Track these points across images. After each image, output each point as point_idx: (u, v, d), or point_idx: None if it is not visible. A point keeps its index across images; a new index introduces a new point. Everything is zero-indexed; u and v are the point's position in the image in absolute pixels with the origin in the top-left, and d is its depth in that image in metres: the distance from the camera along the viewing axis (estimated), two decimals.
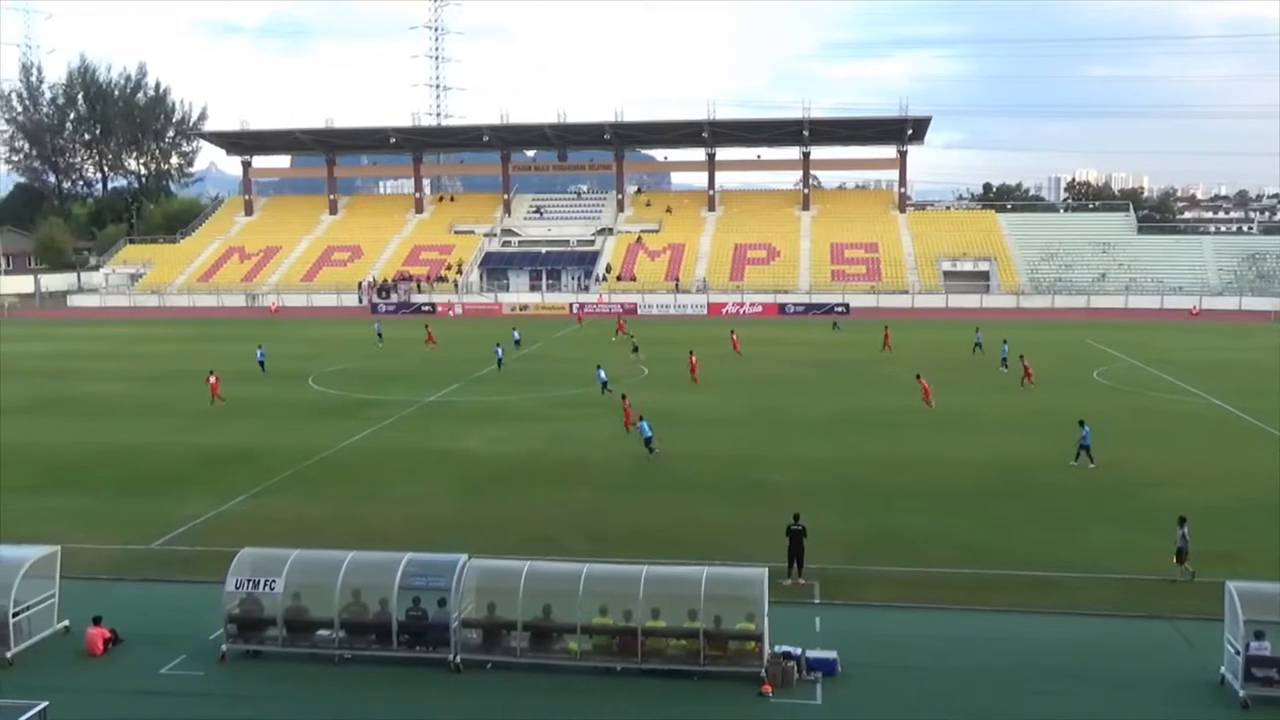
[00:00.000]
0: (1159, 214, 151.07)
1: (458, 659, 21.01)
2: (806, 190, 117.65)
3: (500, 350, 60.44)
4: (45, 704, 15.27)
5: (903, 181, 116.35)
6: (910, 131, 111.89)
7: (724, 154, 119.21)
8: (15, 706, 14.79)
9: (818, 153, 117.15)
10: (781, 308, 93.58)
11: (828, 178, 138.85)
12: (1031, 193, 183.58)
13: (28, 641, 21.96)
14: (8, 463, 38.19)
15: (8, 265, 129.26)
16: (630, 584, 21.16)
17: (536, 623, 21.22)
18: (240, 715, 19.32)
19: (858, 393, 50.69)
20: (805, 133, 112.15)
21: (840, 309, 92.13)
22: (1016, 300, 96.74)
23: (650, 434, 38.05)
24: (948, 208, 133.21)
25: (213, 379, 49.82)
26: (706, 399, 49.43)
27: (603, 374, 51.66)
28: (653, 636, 20.79)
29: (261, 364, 58.49)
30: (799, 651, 20.39)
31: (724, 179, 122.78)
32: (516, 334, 70.27)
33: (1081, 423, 36.80)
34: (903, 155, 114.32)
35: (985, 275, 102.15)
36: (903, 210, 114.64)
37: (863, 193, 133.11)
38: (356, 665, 21.19)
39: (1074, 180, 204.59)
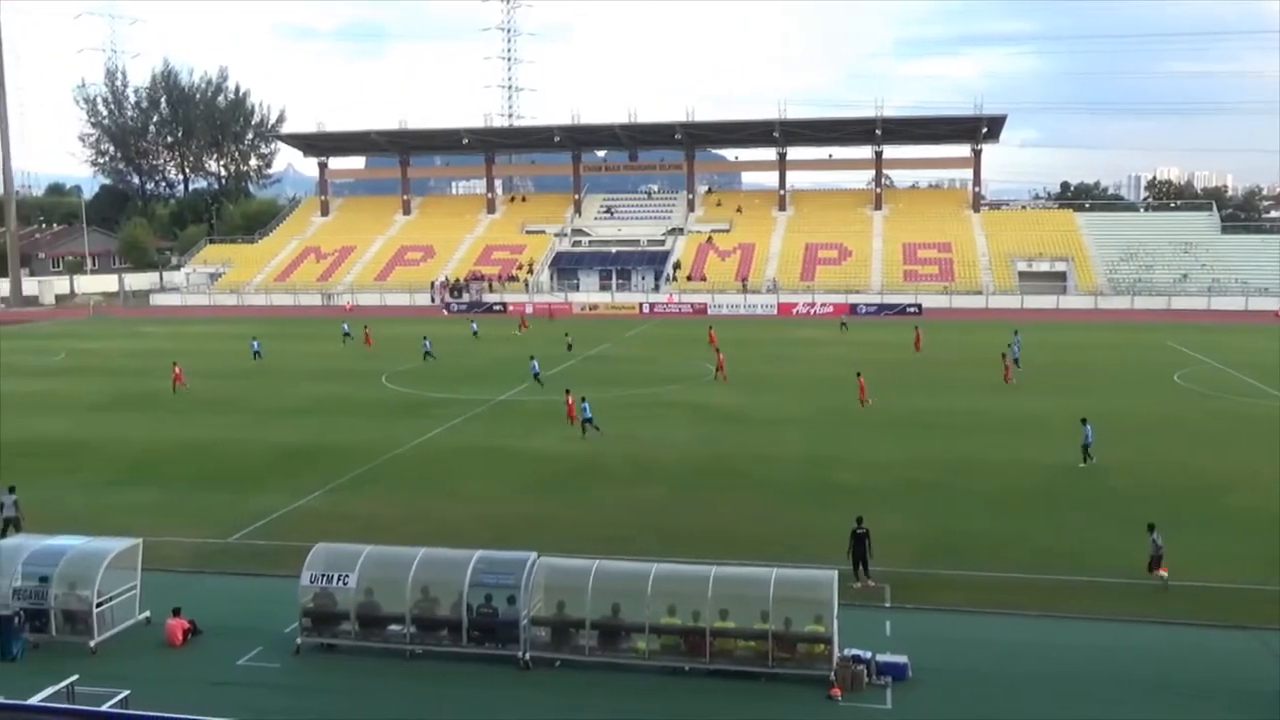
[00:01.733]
0: (1244, 213, 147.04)
1: (527, 656, 21.15)
2: (878, 190, 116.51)
3: (536, 364, 55.11)
4: (127, 692, 15.64)
5: (977, 180, 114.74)
6: (985, 129, 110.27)
7: (795, 153, 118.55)
8: (99, 694, 15.17)
9: (890, 152, 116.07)
10: (853, 308, 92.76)
11: (900, 177, 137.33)
12: (1110, 191, 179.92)
13: (111, 631, 22.54)
14: (92, 457, 39.27)
15: (93, 265, 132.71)
16: (699, 584, 21.15)
17: (605, 621, 21.28)
18: (314, 707, 19.62)
19: (924, 394, 50.06)
20: (877, 131, 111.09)
21: (913, 309, 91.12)
22: (1094, 301, 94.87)
23: (590, 415, 41.04)
24: (1023, 207, 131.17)
25: (177, 369, 53.81)
26: (774, 399, 49.19)
27: (536, 365, 53.84)
28: (721, 637, 20.75)
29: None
30: (869, 655, 20.21)
31: (795, 178, 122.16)
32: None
33: (1084, 421, 36.47)
34: (977, 154, 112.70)
35: (1062, 276, 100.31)
36: (977, 210, 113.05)
37: (936, 192, 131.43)
38: (427, 660, 21.43)
39: (1155, 179, 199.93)
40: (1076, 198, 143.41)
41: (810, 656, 20.44)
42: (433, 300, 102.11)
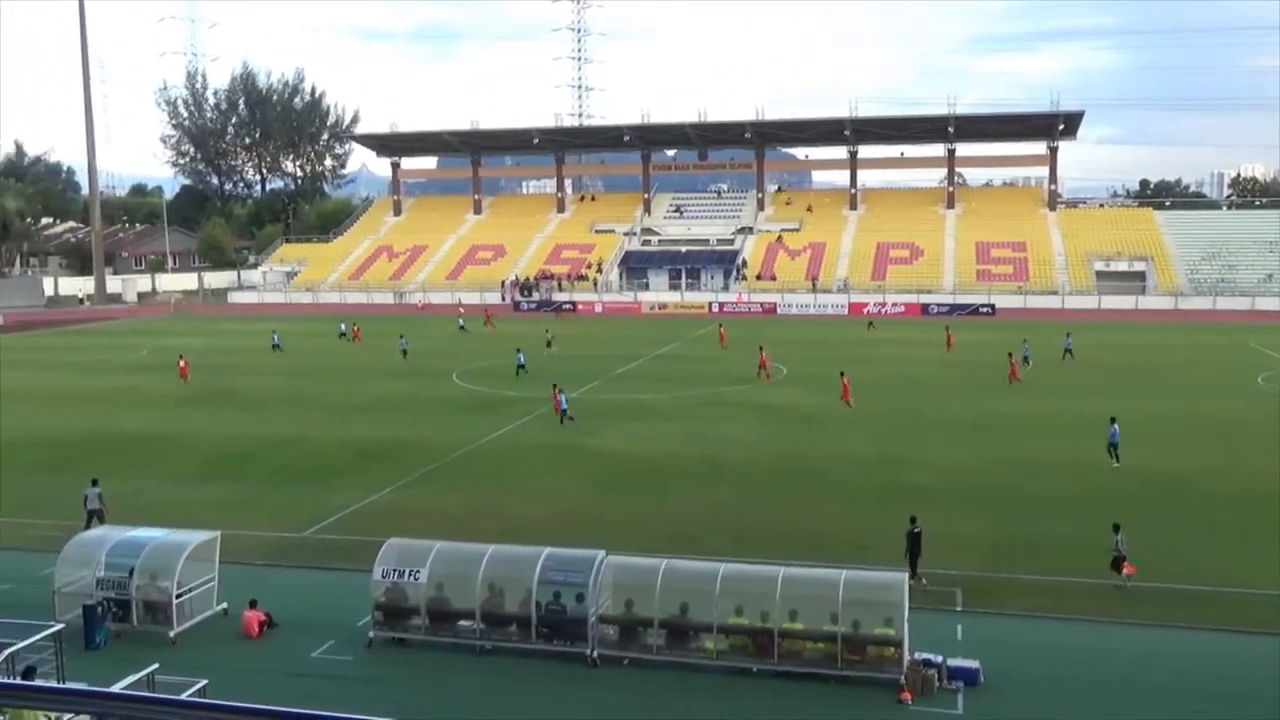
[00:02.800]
0: None
1: (595, 654, 21.23)
2: (951, 188, 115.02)
3: (522, 356, 57.35)
4: (205, 682, 16.00)
5: (1053, 178, 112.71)
6: (1061, 127, 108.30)
7: (866, 152, 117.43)
8: (178, 683, 15.53)
9: (963, 149, 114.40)
10: (925, 308, 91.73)
11: (974, 175, 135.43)
12: (1192, 189, 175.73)
13: (189, 622, 23.07)
14: (172, 452, 40.19)
15: (174, 263, 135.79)
16: (767, 585, 21.08)
17: (673, 620, 21.30)
18: (388, 699, 19.88)
19: (996, 395, 49.33)
20: (950, 129, 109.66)
21: (985, 309, 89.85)
22: (1175, 301, 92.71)
23: (566, 406, 43.35)
24: (1101, 205, 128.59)
25: (182, 363, 56.65)
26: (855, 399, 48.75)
27: (522, 357, 56.33)
28: (789, 638, 20.67)
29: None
30: (940, 659, 19.99)
31: (866, 177, 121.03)
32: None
33: (1113, 420, 35.96)
34: (1053, 151, 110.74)
35: (1141, 276, 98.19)
36: (1053, 208, 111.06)
37: (1010, 190, 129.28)
38: (496, 656, 21.61)
39: (1238, 175, 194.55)
40: (1156, 195, 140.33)
41: (880, 659, 20.27)
42: (503, 299, 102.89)
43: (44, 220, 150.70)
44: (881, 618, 20.52)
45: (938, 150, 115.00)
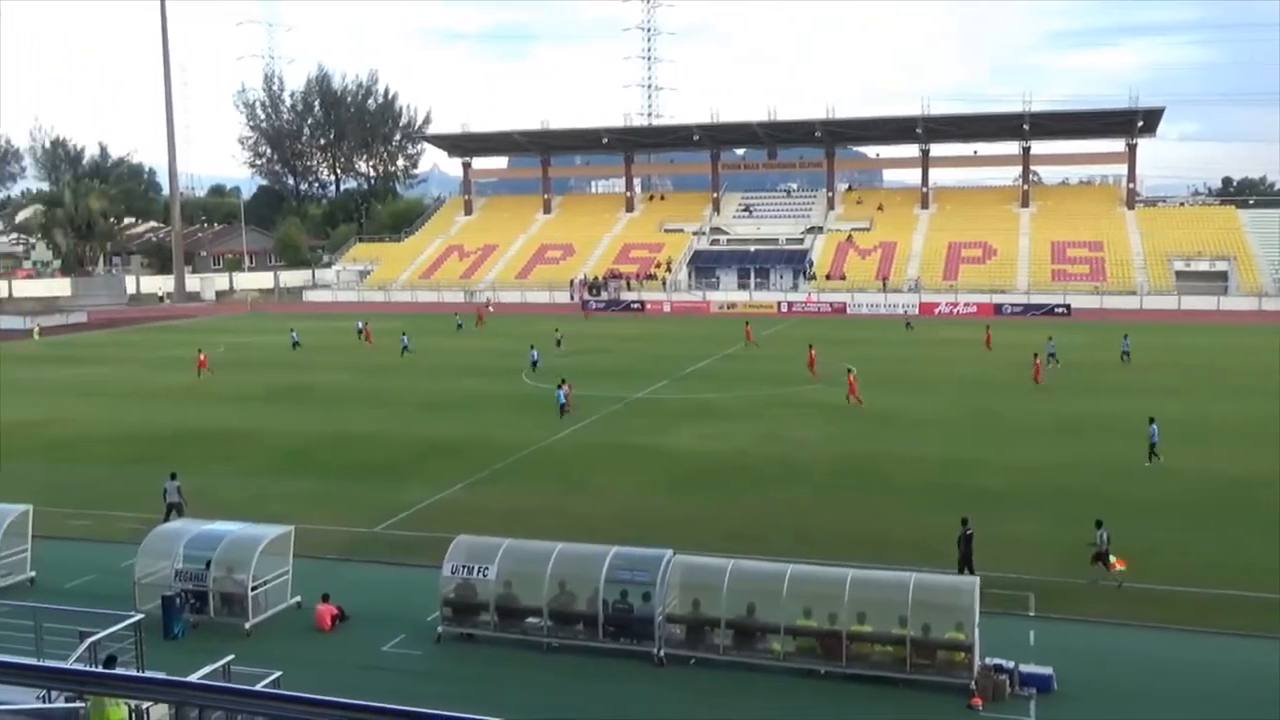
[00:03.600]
0: None
1: (661, 653, 21.24)
2: (1026, 186, 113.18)
3: (536, 353, 59.07)
4: (279, 674, 16.28)
5: (1131, 176, 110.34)
6: (1141, 123, 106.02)
7: (938, 150, 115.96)
8: (253, 674, 15.82)
9: (1039, 147, 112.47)
10: (998, 308, 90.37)
11: (1049, 173, 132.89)
12: (1277, 187, 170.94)
13: (264, 614, 23.50)
14: (249, 447, 40.98)
15: (251, 262, 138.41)
16: (835, 586, 20.94)
17: (740, 621, 21.23)
18: (457, 694, 20.06)
19: (1063, 396, 48.42)
20: (1025, 127, 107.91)
21: (1061, 310, 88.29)
22: (1258, 302, 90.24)
23: (564, 401, 44.56)
24: (1181, 203, 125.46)
25: (202, 357, 59.08)
26: (915, 399, 48.27)
27: (535, 354, 58.38)
28: (858, 641, 20.50)
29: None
30: (1012, 665, 19.68)
31: (938, 175, 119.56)
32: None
33: (1151, 420, 35.72)
34: (1132, 149, 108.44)
35: (1223, 276, 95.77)
36: (1131, 207, 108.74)
37: (1087, 188, 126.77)
38: (564, 654, 21.72)
39: None
40: (1239, 193, 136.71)
41: (950, 664, 20.03)
42: (571, 298, 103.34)
43: (126, 220, 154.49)
44: (952, 622, 20.27)
45: (1012, 148, 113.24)
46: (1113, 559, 24.74)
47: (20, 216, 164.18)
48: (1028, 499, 31.70)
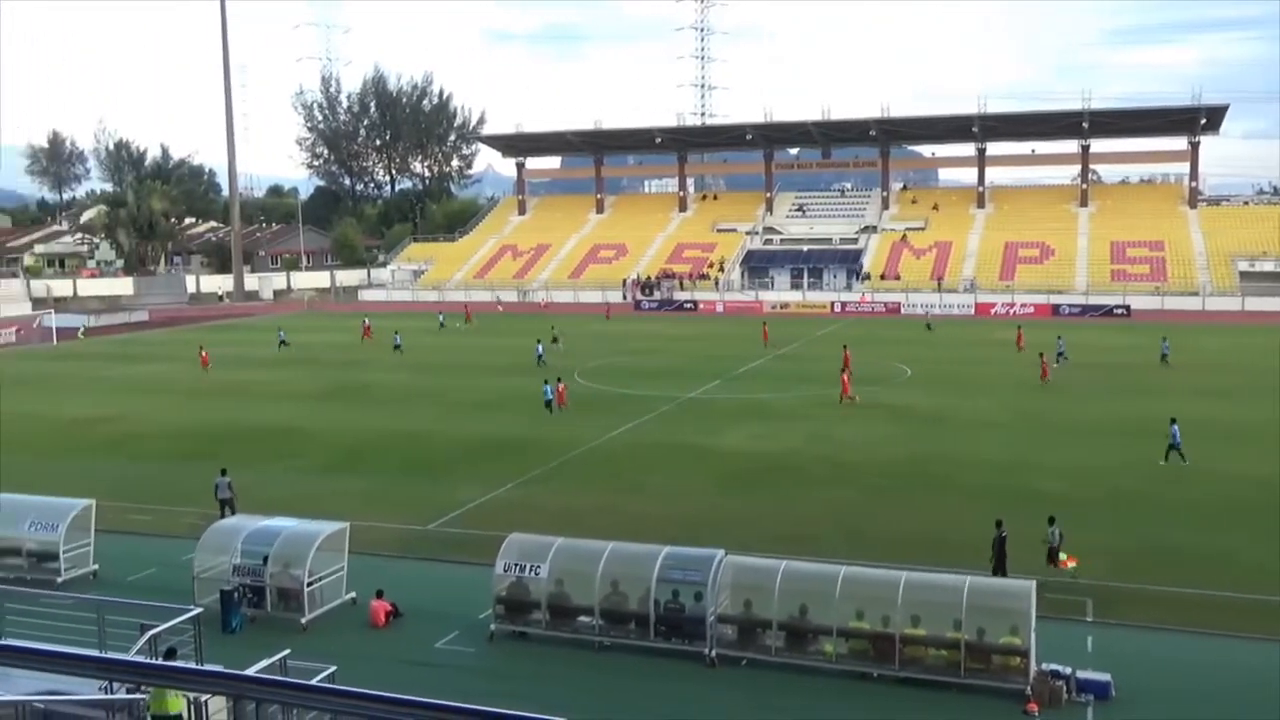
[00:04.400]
0: None
1: (713, 653, 21.20)
2: (1085, 185, 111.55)
3: (540, 347, 61.88)
4: (334, 668, 16.43)
5: (1194, 175, 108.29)
6: (1204, 121, 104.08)
7: (995, 149, 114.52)
8: (308, 668, 16.00)
9: (1098, 146, 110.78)
10: (1055, 309, 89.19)
11: (1108, 172, 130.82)
12: None
13: (320, 610, 23.78)
14: (306, 444, 41.50)
15: (308, 262, 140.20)
16: (889, 589, 20.77)
17: (792, 622, 21.13)
18: (510, 691, 20.16)
19: (1127, 399, 47.63)
20: (1084, 125, 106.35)
21: (1120, 310, 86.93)
22: None
23: (550, 397, 45.68)
24: (1246, 203, 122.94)
25: (204, 354, 62.46)
26: (972, 401, 47.78)
27: (540, 348, 60.85)
28: (911, 644, 20.32)
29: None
30: (1069, 670, 19.41)
31: (995, 174, 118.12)
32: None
33: (1173, 420, 35.56)
34: (1194, 146, 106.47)
35: None
36: (1193, 206, 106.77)
37: (1148, 187, 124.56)
38: (615, 653, 21.75)
39: None
40: None
41: (1005, 669, 19.79)
42: (624, 298, 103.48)
43: (187, 220, 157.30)
44: (1007, 626, 20.03)
45: (1071, 147, 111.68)
46: (1062, 556, 24.85)
47: (85, 217, 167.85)
48: (1083, 502, 31.22)
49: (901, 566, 22.36)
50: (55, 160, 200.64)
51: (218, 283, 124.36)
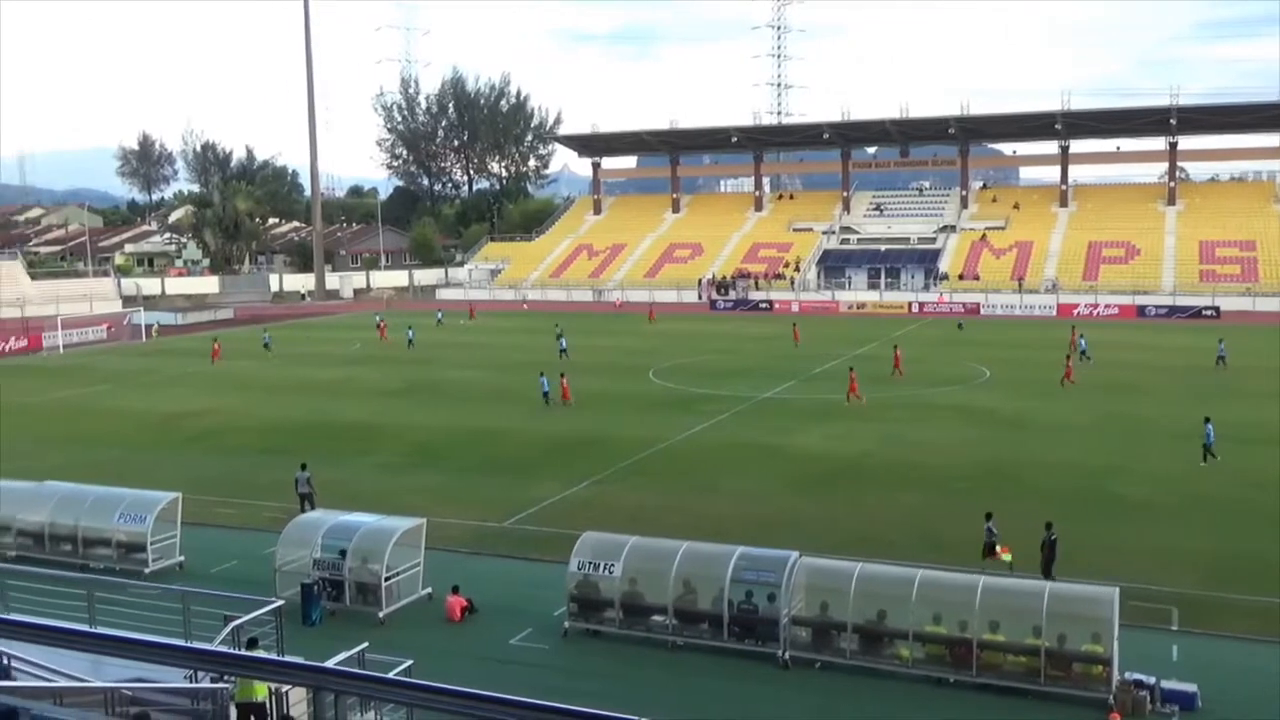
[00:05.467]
0: None
1: (786, 655, 21.08)
2: (1172, 184, 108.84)
3: (564, 340, 64.25)
4: (410, 662, 16.66)
5: None
6: None
7: (1079, 146, 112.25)
8: (386, 662, 16.24)
9: (1186, 142, 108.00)
10: (1140, 310, 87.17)
11: (1197, 169, 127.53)
12: None
13: (397, 604, 24.12)
14: (384, 441, 42.11)
15: (387, 261, 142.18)
16: (966, 593, 20.48)
17: (868, 626, 20.94)
18: (584, 689, 20.24)
19: (1216, 403, 46.28)
20: (1172, 121, 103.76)
21: (1209, 312, 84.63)
22: None
23: (546, 389, 47.74)
24: None
25: (216, 346, 66.09)
26: (1052, 404, 46.89)
27: (564, 341, 63.31)
28: (989, 650, 20.01)
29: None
30: (1153, 680, 18.96)
31: (1078, 172, 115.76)
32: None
33: (1206, 420, 35.05)
34: None
35: None
36: None
37: (1239, 185, 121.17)
38: (688, 652, 21.74)
39: None
40: None
41: (1087, 677, 19.40)
42: (699, 297, 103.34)
43: (271, 220, 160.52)
44: (1089, 633, 19.63)
45: (1158, 144, 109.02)
46: (998, 548, 25.33)
47: (173, 217, 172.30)
48: (1168, 508, 30.50)
49: (978, 571, 22.02)
50: (145, 162, 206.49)
51: (300, 281, 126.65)
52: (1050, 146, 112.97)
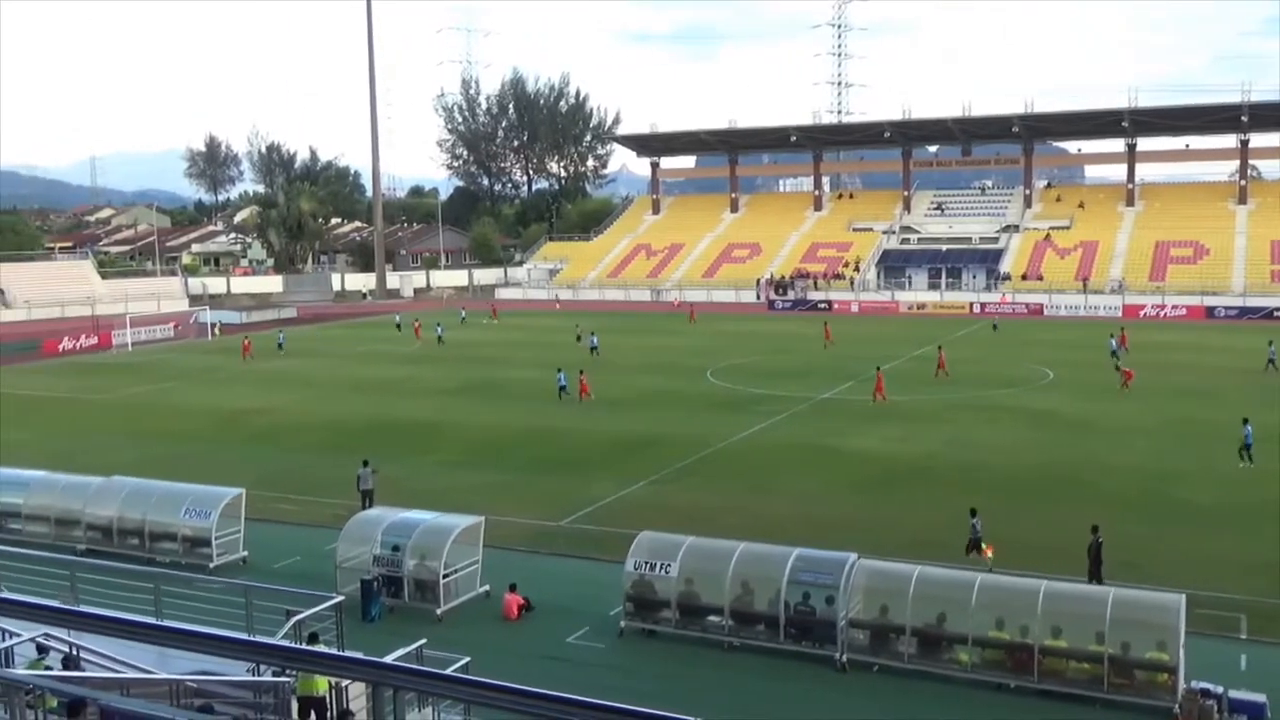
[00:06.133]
0: None
1: (844, 658, 20.94)
2: (1243, 182, 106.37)
3: (595, 339, 65.23)
4: (468, 659, 16.77)
5: None
6: None
7: (1146, 144, 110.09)
8: (443, 659, 16.36)
9: (1258, 140, 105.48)
10: (1209, 310, 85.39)
11: (1269, 168, 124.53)
12: None
13: (455, 601, 24.32)
14: (443, 439, 42.49)
15: (447, 261, 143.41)
16: (1028, 598, 20.20)
17: (927, 629, 20.73)
18: (640, 689, 20.24)
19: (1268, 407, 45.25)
20: (1244, 118, 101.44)
21: None
22: None
23: (564, 384, 49.35)
24: None
25: (246, 343, 67.41)
26: (1118, 406, 46.10)
27: (595, 339, 64.58)
28: (1050, 656, 19.73)
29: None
30: (1220, 690, 18.54)
31: (1145, 171, 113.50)
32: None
33: (1245, 420, 34.55)
34: None
35: None
36: None
37: None
38: (744, 654, 21.68)
39: None
40: None
41: (1151, 685, 19.05)
42: (757, 297, 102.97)
43: (333, 220, 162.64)
44: (1154, 641, 19.27)
45: (1229, 141, 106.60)
46: (983, 546, 25.83)
47: (238, 218, 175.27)
48: (1237, 514, 29.82)
49: (1040, 575, 21.69)
50: (212, 163, 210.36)
51: (361, 281, 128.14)
52: (1117, 144, 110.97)
